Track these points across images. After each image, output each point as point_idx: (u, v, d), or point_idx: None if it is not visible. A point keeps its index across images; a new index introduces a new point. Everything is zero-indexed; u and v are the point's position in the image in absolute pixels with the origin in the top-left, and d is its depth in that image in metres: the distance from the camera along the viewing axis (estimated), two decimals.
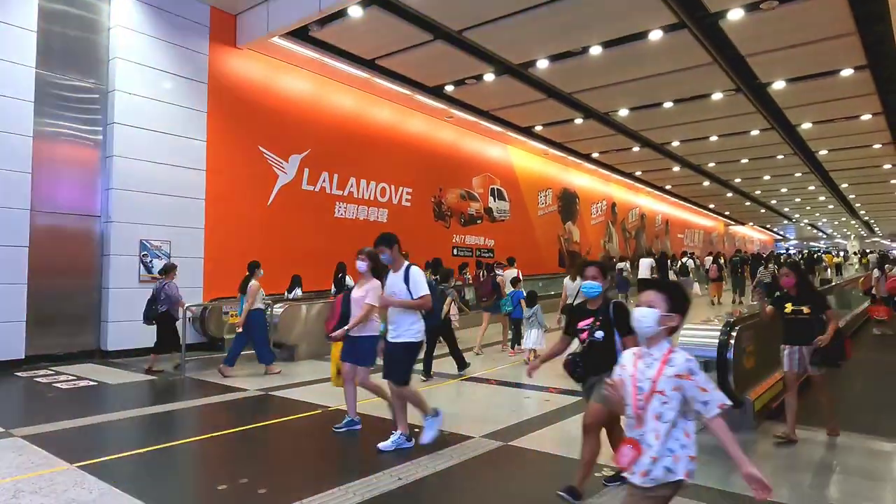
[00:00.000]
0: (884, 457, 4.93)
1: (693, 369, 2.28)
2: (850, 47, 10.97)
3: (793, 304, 5.06)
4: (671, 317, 2.35)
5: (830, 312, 5.08)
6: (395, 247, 5.00)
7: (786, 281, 5.15)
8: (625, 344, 3.53)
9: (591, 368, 3.76)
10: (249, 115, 11.34)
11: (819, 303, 5.04)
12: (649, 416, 2.31)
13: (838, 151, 19.95)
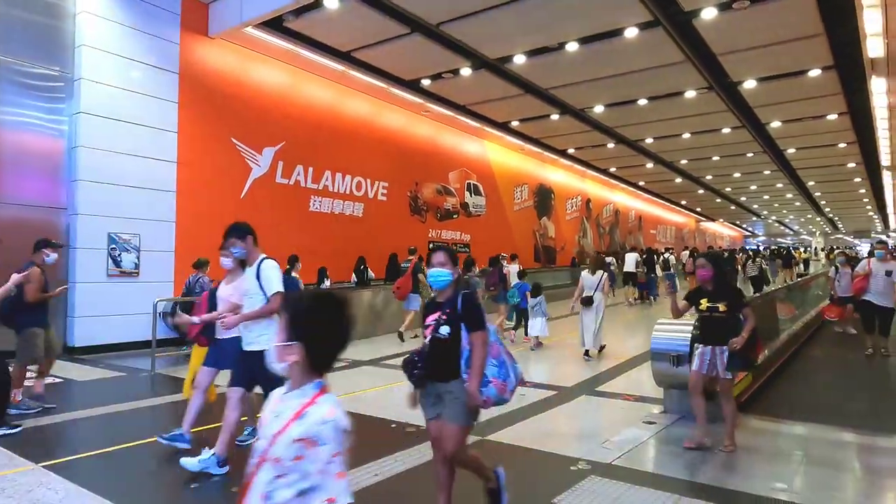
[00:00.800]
0: (845, 447, 5.08)
1: (322, 436, 1.48)
2: (818, 48, 11.23)
3: (709, 300, 4.65)
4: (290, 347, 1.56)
5: (748, 311, 4.63)
6: (250, 238, 4.46)
7: (702, 274, 4.68)
8: (472, 342, 3.09)
9: (432, 371, 3.16)
10: (222, 107, 11.12)
11: (736, 300, 4.63)
12: (253, 493, 1.52)
13: (805, 150, 20.45)
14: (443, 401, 3.15)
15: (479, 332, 3.10)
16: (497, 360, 3.16)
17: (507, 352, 3.26)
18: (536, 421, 5.61)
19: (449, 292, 3.25)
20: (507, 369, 3.17)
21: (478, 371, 3.05)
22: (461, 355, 3.11)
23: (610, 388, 6.91)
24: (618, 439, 4.88)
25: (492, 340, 3.17)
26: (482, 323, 3.13)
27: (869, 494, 4.07)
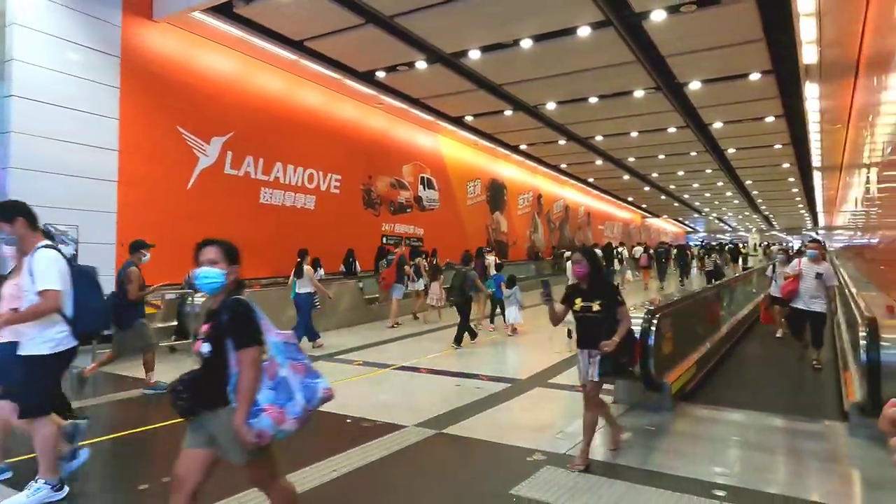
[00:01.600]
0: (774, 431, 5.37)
1: None
2: (758, 53, 11.74)
3: (583, 299, 4.27)
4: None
5: (624, 310, 4.23)
6: (20, 221, 3.64)
7: (577, 270, 4.32)
8: (240, 361, 2.50)
9: (197, 397, 2.59)
10: (167, 94, 10.68)
11: (609, 298, 4.22)
12: None
13: (744, 150, 21.40)
14: (209, 431, 2.60)
15: (247, 350, 2.50)
16: (274, 381, 2.55)
17: (306, 366, 2.66)
18: (491, 414, 5.68)
19: (221, 298, 2.65)
20: (288, 392, 2.56)
21: (244, 398, 2.47)
22: (229, 378, 2.52)
23: (562, 380, 7.06)
24: (571, 430, 4.99)
25: (271, 356, 2.59)
26: (251, 338, 2.54)
27: (798, 474, 4.31)
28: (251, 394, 2.49)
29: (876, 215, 9.68)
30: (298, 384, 2.59)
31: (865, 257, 12.00)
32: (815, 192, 29.63)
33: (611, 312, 4.18)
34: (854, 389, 5.17)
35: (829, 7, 8.82)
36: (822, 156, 19.94)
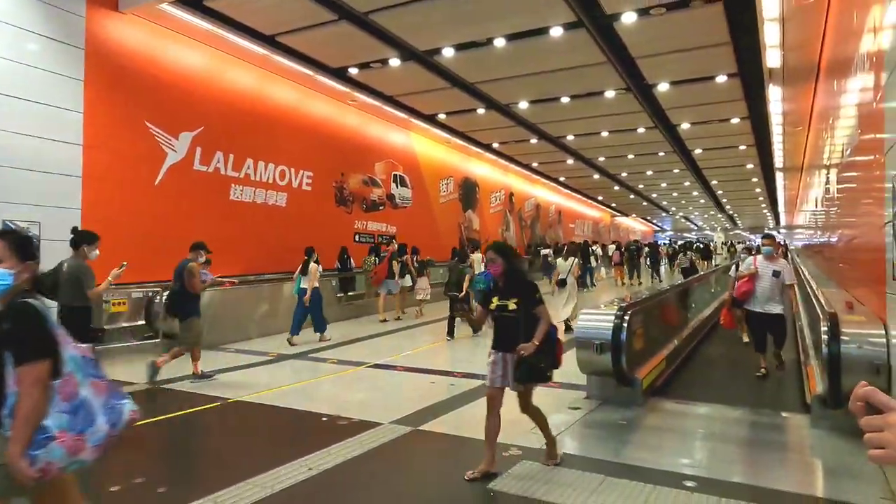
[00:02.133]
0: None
1: None
2: (725, 56, 12.04)
3: (499, 297, 4.03)
4: None
5: (542, 309, 3.96)
6: None
7: (491, 268, 4.09)
8: (20, 380, 2.05)
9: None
10: (134, 88, 10.42)
11: (526, 296, 3.96)
12: None
13: (710, 151, 21.92)
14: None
15: (30, 366, 2.05)
16: (71, 403, 2.13)
17: (108, 385, 2.32)
18: (467, 410, 5.71)
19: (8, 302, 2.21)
20: (88, 415, 2.17)
21: (23, 425, 2.02)
22: (4, 399, 2.07)
23: None
24: None
25: (68, 372, 2.15)
26: (37, 350, 2.09)
27: (763, 464, 4.46)
28: (33, 419, 2.03)
29: (835, 215, 10.04)
30: (100, 406, 2.22)
31: (825, 256, 12.43)
32: (778, 192, 30.55)
33: (529, 312, 3.92)
34: (816, 383, 5.36)
35: (791, 13, 9.11)
36: (784, 157, 20.57)
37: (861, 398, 0.76)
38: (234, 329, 10.23)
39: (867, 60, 5.66)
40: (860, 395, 0.76)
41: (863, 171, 6.26)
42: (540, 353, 3.86)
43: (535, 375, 3.95)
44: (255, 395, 6.30)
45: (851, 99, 7.02)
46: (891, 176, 4.19)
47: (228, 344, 9.73)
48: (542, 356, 3.89)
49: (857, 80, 6.41)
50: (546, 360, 3.93)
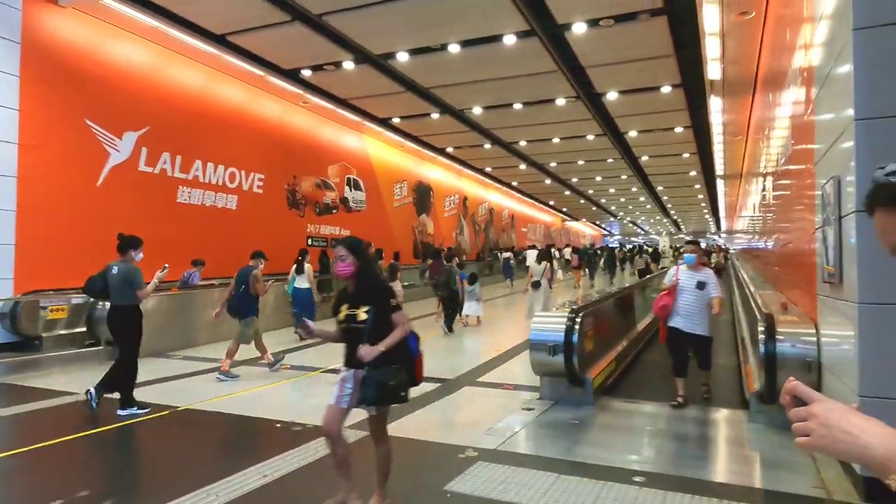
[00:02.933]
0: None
1: None
2: (669, 67, 12.55)
3: (349, 304, 3.40)
4: None
5: (400, 317, 3.38)
6: None
7: (340, 269, 3.42)
8: None
9: None
10: (75, 85, 10.00)
11: (380, 302, 3.34)
12: None
13: (656, 158, 22.74)
14: None
15: None
16: None
17: None
18: (423, 413, 5.74)
19: None
20: None
21: None
22: None
23: (491, 378, 7.25)
24: (501, 426, 5.15)
25: None
26: None
27: (706, 458, 4.68)
28: None
29: (771, 221, 10.59)
30: None
31: (762, 259, 13.08)
32: (719, 198, 31.92)
33: (383, 321, 3.31)
34: (753, 380, 5.65)
35: (731, 28, 9.58)
36: (724, 165, 21.54)
37: (788, 392, 0.85)
38: (182, 336, 9.90)
39: (799, 75, 6.03)
40: (787, 390, 0.85)
41: (795, 179, 6.65)
42: (392, 367, 3.25)
43: (384, 395, 3.26)
44: (206, 403, 6.14)
45: (785, 111, 7.44)
46: (820, 184, 4.48)
47: (176, 351, 9.44)
48: (395, 371, 3.26)
49: (790, 94, 6.81)
50: (399, 377, 3.27)
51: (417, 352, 3.50)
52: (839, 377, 4.08)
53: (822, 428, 0.78)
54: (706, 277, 5.95)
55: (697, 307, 5.84)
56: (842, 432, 0.76)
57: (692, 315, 5.84)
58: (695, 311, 5.84)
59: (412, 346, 3.46)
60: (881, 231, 0.89)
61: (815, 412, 0.80)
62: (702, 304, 5.84)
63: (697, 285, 5.86)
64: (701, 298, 5.83)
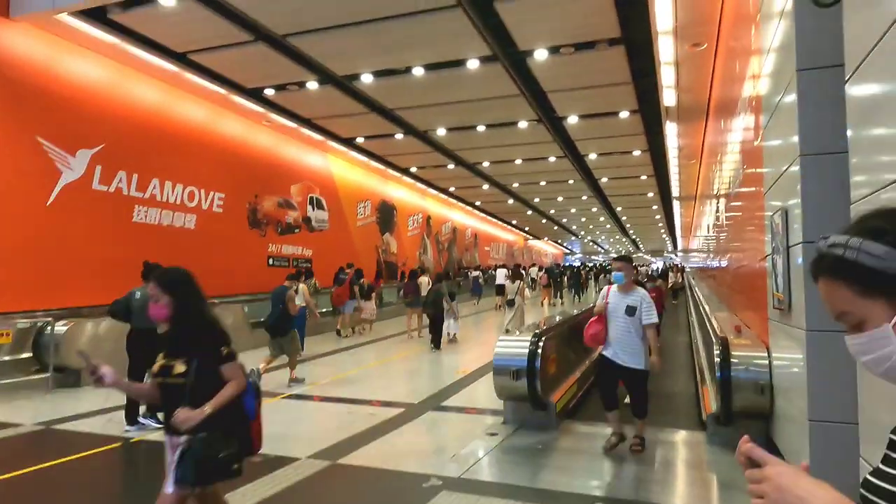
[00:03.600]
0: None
1: None
2: (627, 94, 12.94)
3: (166, 354, 2.78)
4: None
5: (232, 368, 2.71)
6: None
7: (153, 311, 2.77)
8: None
9: None
10: (25, 100, 9.66)
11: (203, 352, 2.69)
12: None
13: (615, 180, 23.35)
14: None
15: None
16: None
17: None
18: (386, 440, 5.67)
19: None
20: None
21: None
22: None
23: (455, 403, 7.22)
24: (465, 452, 5.13)
25: None
26: None
27: (665, 481, 4.75)
28: None
29: (724, 241, 10.97)
30: None
31: (716, 279, 13.50)
32: (675, 218, 32.89)
33: (210, 376, 2.65)
34: (710, 402, 5.80)
35: (684, 58, 9.98)
36: (680, 187, 22.24)
37: (743, 454, 0.88)
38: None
39: (748, 104, 6.31)
40: (742, 451, 0.88)
41: (746, 201, 6.92)
42: (216, 432, 2.58)
43: (207, 473, 2.59)
44: (160, 434, 5.91)
45: (736, 137, 7.77)
46: (769, 216, 4.68)
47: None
48: (221, 441, 2.59)
49: (741, 121, 7.12)
50: (228, 447, 2.60)
51: (255, 414, 2.80)
52: (790, 401, 4.22)
53: (776, 491, 0.81)
54: (637, 300, 5.09)
55: (629, 336, 5.02)
56: (793, 496, 0.80)
57: (624, 344, 5.03)
58: (626, 340, 5.02)
59: (248, 407, 2.76)
60: (825, 299, 0.94)
61: (768, 475, 0.83)
62: (634, 332, 5.02)
63: (627, 310, 5.04)
64: (633, 325, 5.03)
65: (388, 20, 9.54)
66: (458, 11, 9.12)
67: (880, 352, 0.87)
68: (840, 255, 0.89)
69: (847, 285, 0.89)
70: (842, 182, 2.86)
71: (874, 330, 0.87)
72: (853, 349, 0.91)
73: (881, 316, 0.86)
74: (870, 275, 0.86)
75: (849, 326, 0.91)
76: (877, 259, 0.85)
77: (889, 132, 2.25)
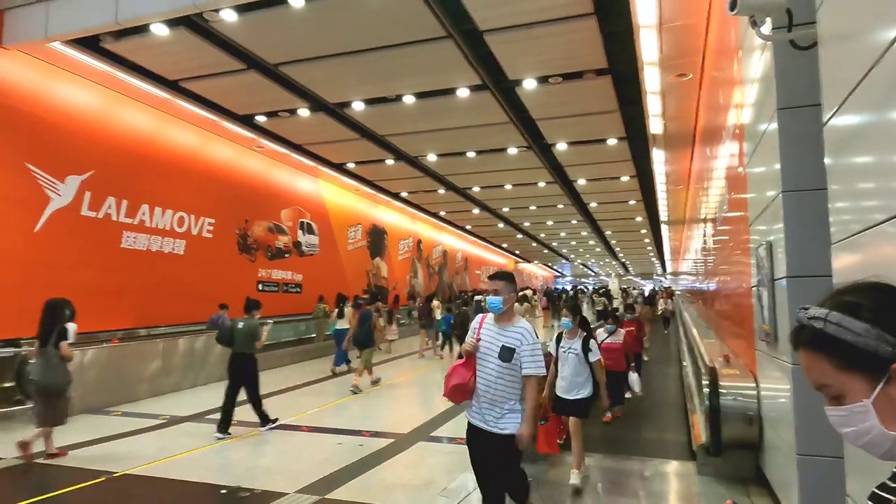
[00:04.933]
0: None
1: None
2: (614, 122, 13.15)
3: None
4: None
5: None
6: None
7: None
8: None
9: None
10: (15, 126, 9.66)
11: None
12: None
13: (604, 204, 23.58)
14: None
15: None
16: None
17: None
18: (375, 473, 5.60)
19: None
20: None
21: None
22: None
23: (444, 433, 7.16)
24: (454, 486, 5.07)
25: None
26: None
27: None
28: None
29: (711, 266, 11.06)
30: None
31: (704, 304, 13.57)
32: (664, 242, 33.15)
33: None
34: (700, 431, 5.79)
35: (670, 87, 10.17)
36: (668, 211, 22.46)
37: None
38: (121, 390, 9.39)
39: (732, 132, 6.43)
40: None
41: (733, 226, 7.00)
42: None
43: None
44: (146, 467, 5.82)
45: (722, 163, 7.88)
46: (754, 248, 4.74)
47: (115, 406, 8.95)
48: None
49: (726, 148, 7.23)
50: None
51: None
52: (777, 433, 4.23)
53: None
54: (517, 339, 3.41)
55: (502, 389, 3.37)
56: None
57: (493, 400, 3.38)
58: (497, 395, 3.38)
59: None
60: (805, 369, 0.96)
61: None
62: (508, 385, 3.37)
63: (501, 353, 3.38)
64: (508, 375, 3.37)
65: (378, 50, 9.69)
66: (449, 42, 9.29)
67: (860, 426, 0.88)
68: (820, 329, 0.91)
69: (827, 359, 0.91)
70: (824, 217, 2.91)
71: (853, 405, 0.89)
72: (833, 420, 0.92)
73: (860, 391, 0.88)
74: (848, 350, 0.88)
75: (829, 398, 0.93)
76: (856, 336, 0.87)
77: (865, 174, 2.31)
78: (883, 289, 0.91)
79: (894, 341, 0.85)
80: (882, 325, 0.86)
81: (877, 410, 0.87)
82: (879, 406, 0.87)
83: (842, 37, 2.53)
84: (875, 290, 0.91)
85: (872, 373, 0.87)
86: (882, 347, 0.86)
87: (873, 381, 0.87)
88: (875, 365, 0.87)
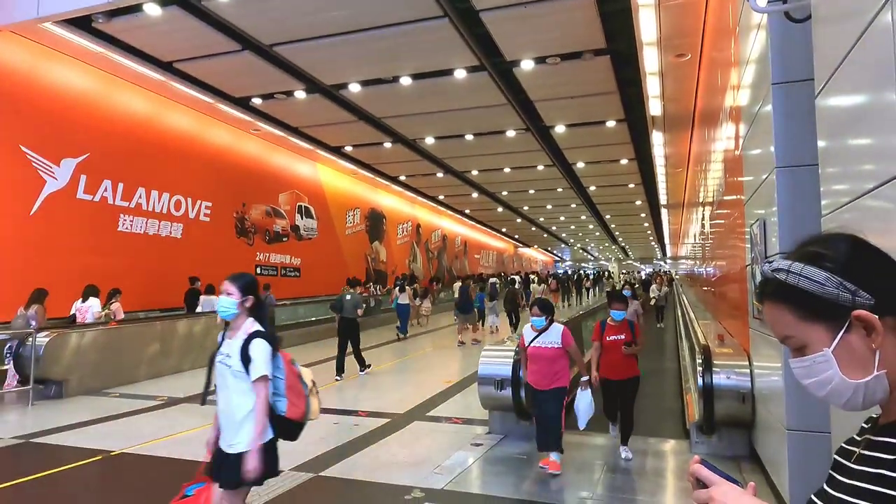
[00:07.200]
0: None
1: None
2: (613, 104, 13.05)
3: None
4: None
5: None
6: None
7: None
8: None
9: None
10: (8, 108, 9.60)
11: None
12: None
13: (603, 188, 23.48)
14: None
15: None
16: None
17: None
18: (370, 451, 5.65)
19: None
20: None
21: None
22: None
23: (440, 413, 7.20)
24: (448, 463, 5.12)
25: None
26: None
27: (651, 491, 4.76)
28: None
29: (709, 249, 11.06)
30: None
31: (701, 287, 13.59)
32: (663, 226, 33.12)
33: None
34: (694, 410, 5.82)
35: (669, 68, 10.08)
36: (667, 195, 22.40)
37: (692, 474, 0.89)
38: (119, 372, 9.42)
39: (729, 114, 6.39)
40: (691, 471, 0.89)
41: (729, 209, 6.99)
42: None
43: None
44: (144, 446, 5.86)
45: (719, 146, 7.85)
46: (749, 224, 4.73)
47: (113, 388, 8.99)
48: None
49: (723, 130, 7.20)
50: None
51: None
52: (769, 409, 4.26)
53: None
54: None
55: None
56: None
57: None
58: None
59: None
60: (769, 322, 0.95)
61: (713, 495, 0.85)
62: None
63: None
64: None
65: (374, 30, 9.58)
66: (445, 22, 9.18)
67: (821, 376, 0.88)
68: (782, 280, 0.90)
69: (789, 310, 0.90)
70: (817, 193, 2.90)
71: (814, 355, 0.88)
72: (796, 372, 0.92)
73: (821, 340, 0.87)
74: (810, 300, 0.87)
75: (792, 350, 0.93)
76: (816, 285, 0.86)
77: (857, 146, 2.29)
78: (845, 238, 0.90)
79: (854, 289, 0.85)
80: (843, 274, 0.85)
81: (837, 360, 0.86)
82: (840, 355, 0.86)
83: (833, 9, 2.49)
84: (838, 240, 0.90)
85: (833, 322, 0.86)
86: (842, 296, 0.85)
87: (834, 331, 0.86)
88: (836, 314, 0.86)
